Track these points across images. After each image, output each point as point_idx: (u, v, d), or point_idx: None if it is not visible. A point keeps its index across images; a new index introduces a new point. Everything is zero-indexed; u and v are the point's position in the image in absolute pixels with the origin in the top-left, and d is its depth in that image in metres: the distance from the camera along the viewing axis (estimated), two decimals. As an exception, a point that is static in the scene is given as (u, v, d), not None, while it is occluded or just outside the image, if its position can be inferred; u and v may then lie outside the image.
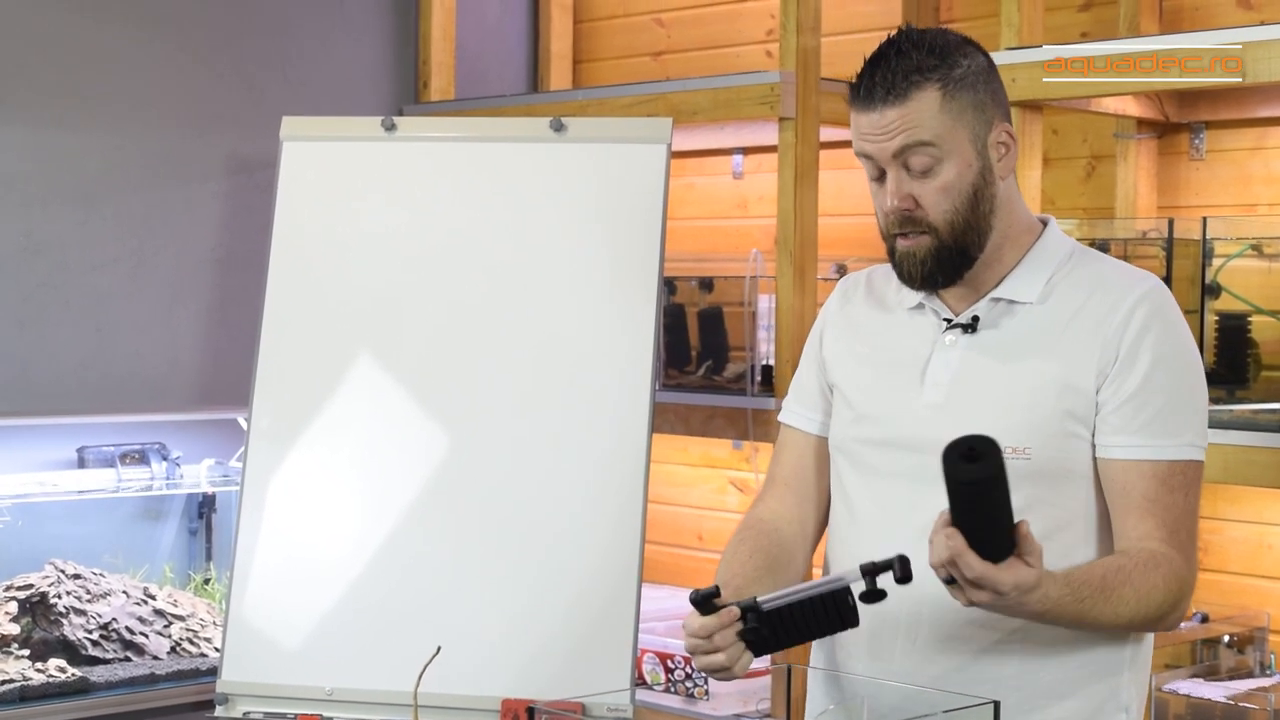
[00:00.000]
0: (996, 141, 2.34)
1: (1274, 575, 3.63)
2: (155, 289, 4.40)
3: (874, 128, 2.32)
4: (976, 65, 2.34)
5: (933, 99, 2.29)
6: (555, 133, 3.80)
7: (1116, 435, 2.29)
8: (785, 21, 3.94)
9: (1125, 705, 2.38)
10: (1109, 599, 2.23)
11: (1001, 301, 2.38)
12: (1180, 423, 2.30)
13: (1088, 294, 2.35)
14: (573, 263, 3.71)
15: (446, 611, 3.55)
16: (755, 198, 4.68)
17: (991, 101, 2.34)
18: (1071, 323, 2.33)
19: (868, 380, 2.46)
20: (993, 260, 2.38)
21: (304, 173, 3.85)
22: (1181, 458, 2.29)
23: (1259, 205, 3.69)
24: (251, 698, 3.60)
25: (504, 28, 5.15)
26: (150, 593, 4.08)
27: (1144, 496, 2.28)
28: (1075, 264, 2.40)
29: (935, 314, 2.42)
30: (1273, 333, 3.24)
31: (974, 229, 2.33)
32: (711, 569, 2.44)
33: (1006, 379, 2.34)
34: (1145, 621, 2.28)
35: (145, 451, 4.19)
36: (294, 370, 3.74)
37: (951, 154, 2.30)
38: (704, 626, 2.23)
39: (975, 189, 2.32)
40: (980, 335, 2.38)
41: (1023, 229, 2.41)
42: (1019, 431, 2.30)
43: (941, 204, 2.31)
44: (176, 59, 4.43)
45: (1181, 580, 2.27)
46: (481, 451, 3.65)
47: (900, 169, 2.31)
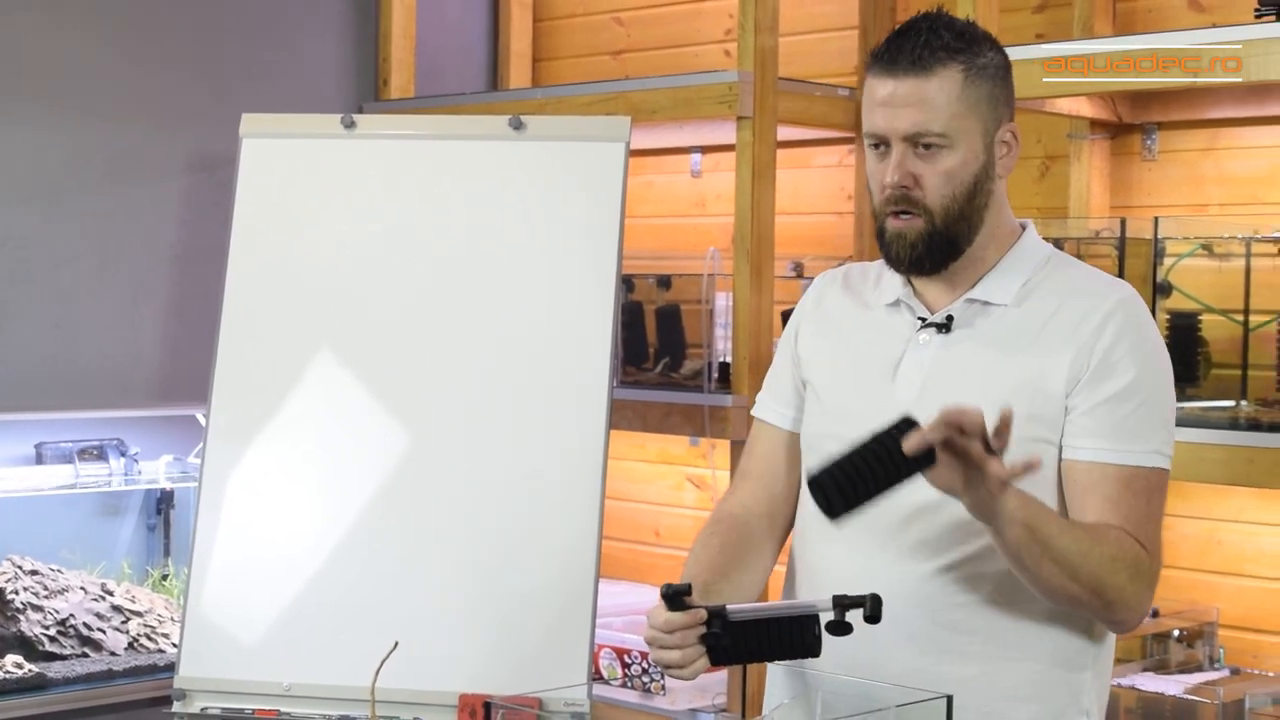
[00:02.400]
0: (1002, 140, 2.35)
1: (1223, 571, 3.65)
2: (115, 286, 4.39)
3: (891, 96, 2.30)
4: (998, 60, 2.36)
5: (955, 80, 2.29)
6: (514, 131, 3.79)
7: (1083, 438, 2.29)
8: (744, 21, 3.95)
9: (1086, 708, 2.38)
10: (1065, 525, 2.21)
11: (977, 303, 2.38)
12: (1148, 431, 2.30)
13: (1062, 300, 2.35)
14: (531, 260, 3.71)
15: (404, 607, 3.55)
16: (713, 196, 4.69)
17: (1004, 99, 2.36)
18: (1045, 328, 2.33)
19: (840, 377, 2.46)
20: (975, 258, 2.38)
21: (264, 170, 3.83)
22: (1146, 464, 2.29)
23: (1210, 205, 3.71)
24: (209, 693, 3.59)
25: (464, 26, 5.14)
26: (108, 589, 4.07)
27: (1105, 496, 2.28)
28: (1051, 269, 2.40)
29: (911, 312, 2.42)
30: (1223, 331, 3.26)
31: (967, 220, 2.33)
32: (669, 565, 2.45)
33: (978, 381, 2.33)
34: (1103, 580, 2.21)
35: (103, 447, 4.18)
36: (253, 367, 3.73)
37: (960, 142, 2.30)
38: (669, 622, 2.22)
39: (976, 181, 2.32)
40: (954, 335, 2.38)
41: (1006, 230, 2.41)
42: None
43: (941, 189, 2.30)
44: (138, 57, 4.42)
45: (1138, 560, 2.24)
46: (440, 448, 3.64)
47: (907, 147, 2.30)
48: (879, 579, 2.32)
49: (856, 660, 2.33)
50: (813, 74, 4.33)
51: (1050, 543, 2.18)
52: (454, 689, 3.47)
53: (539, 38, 5.19)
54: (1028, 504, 2.17)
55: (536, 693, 3.27)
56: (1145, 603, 2.30)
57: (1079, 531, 2.22)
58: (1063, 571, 2.20)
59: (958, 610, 2.31)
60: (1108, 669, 2.43)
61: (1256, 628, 3.60)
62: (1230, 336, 3.24)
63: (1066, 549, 2.19)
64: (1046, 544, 2.18)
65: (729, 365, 4.01)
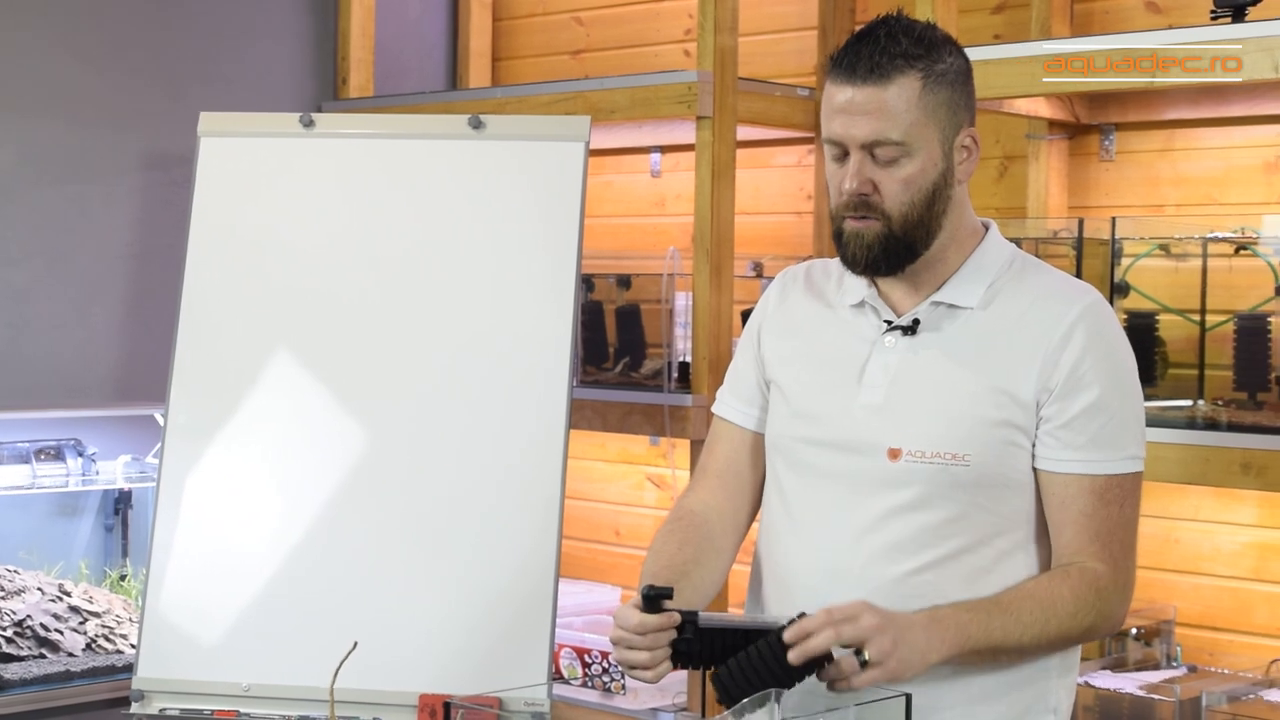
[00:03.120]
0: (961, 145, 2.34)
1: (1181, 569, 3.67)
2: (71, 285, 4.36)
3: (849, 104, 2.29)
4: (958, 65, 2.34)
5: (913, 87, 2.28)
6: (474, 130, 3.79)
7: (1058, 450, 2.31)
8: (703, 21, 3.95)
9: (1054, 707, 2.40)
10: (1009, 613, 2.26)
11: (943, 305, 2.38)
12: (1121, 438, 2.32)
13: (1028, 304, 2.35)
14: (491, 260, 3.70)
15: (363, 607, 3.54)
16: (673, 196, 4.69)
17: (964, 104, 2.35)
18: (1012, 332, 2.34)
19: (806, 378, 2.46)
20: (936, 260, 2.38)
21: (221, 168, 3.82)
22: (1120, 471, 2.32)
23: (1166, 206, 3.72)
24: (168, 694, 3.58)
25: (423, 25, 5.13)
26: (66, 589, 4.05)
27: (1080, 512, 2.30)
28: (1016, 271, 2.40)
29: (876, 313, 2.41)
30: (1180, 331, 3.27)
31: (924, 226, 2.32)
32: (629, 565, 2.45)
33: (945, 384, 2.34)
34: (1070, 632, 2.30)
35: (61, 448, 4.15)
36: (211, 366, 3.71)
37: (919, 150, 2.29)
38: (643, 624, 2.21)
39: (935, 188, 2.32)
40: (920, 338, 2.37)
41: (968, 232, 2.41)
42: (957, 438, 2.30)
43: (900, 195, 2.30)
44: (92, 55, 4.39)
45: (1100, 589, 2.29)
46: (399, 448, 3.64)
47: (865, 154, 2.30)
48: (848, 580, 2.33)
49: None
50: (772, 74, 4.33)
51: (1000, 645, 2.26)
52: (414, 689, 3.46)
53: (499, 37, 5.19)
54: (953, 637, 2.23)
55: (496, 692, 3.28)
56: (1118, 616, 2.35)
57: (1028, 614, 2.27)
58: (1035, 638, 2.28)
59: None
60: (1074, 667, 2.45)
61: (1213, 626, 3.62)
62: (1187, 336, 3.26)
63: (1019, 639, 2.27)
64: (995, 650, 2.26)
65: (689, 365, 4.01)
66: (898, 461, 2.31)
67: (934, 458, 2.30)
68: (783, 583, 2.42)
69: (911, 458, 2.31)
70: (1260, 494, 3.49)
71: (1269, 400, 3.15)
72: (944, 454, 2.30)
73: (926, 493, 2.31)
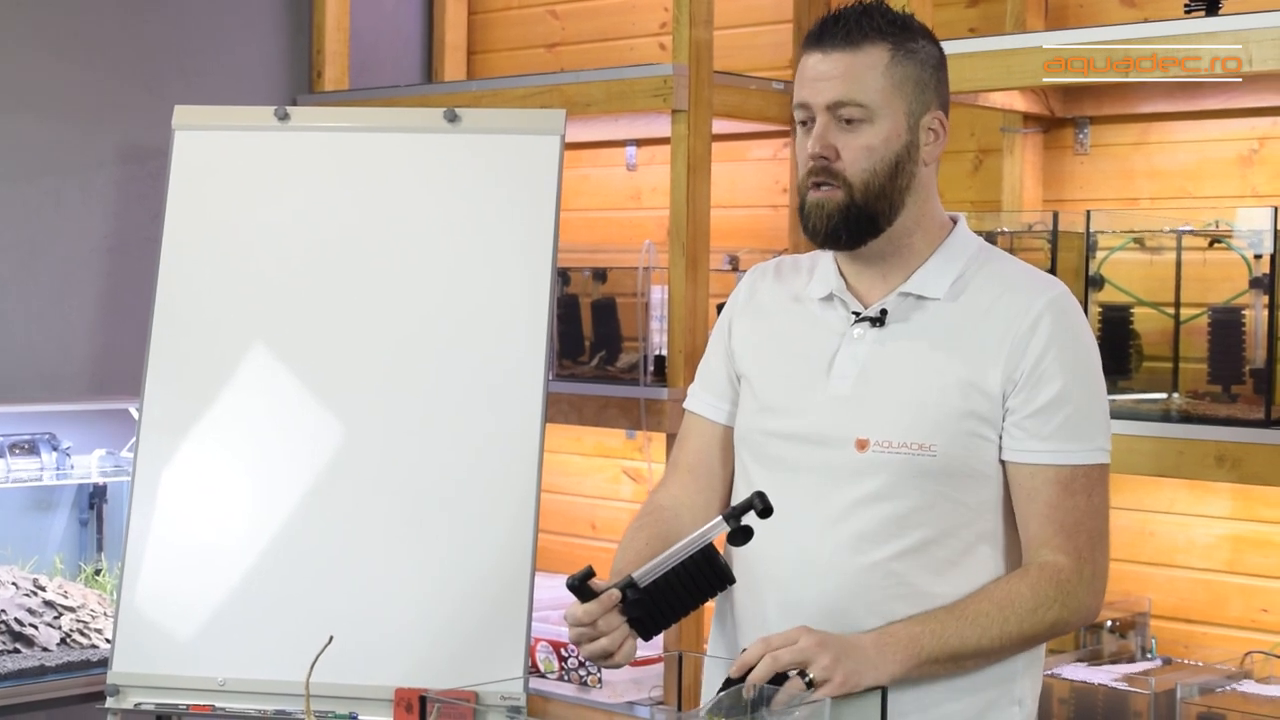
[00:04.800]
0: (928, 126, 2.36)
1: (1155, 562, 3.67)
2: (45, 278, 4.34)
3: (817, 70, 2.33)
4: (930, 50, 2.38)
5: (881, 56, 2.31)
6: (449, 123, 3.78)
7: (1024, 441, 2.31)
8: (678, 15, 3.94)
9: (1019, 698, 2.40)
10: (964, 618, 2.27)
11: (910, 296, 2.38)
12: (1086, 430, 2.33)
13: (995, 296, 2.36)
14: (466, 253, 3.69)
15: (339, 601, 3.53)
16: (648, 189, 4.68)
17: (934, 87, 2.37)
18: (979, 324, 2.34)
19: (775, 371, 2.46)
20: (903, 247, 2.39)
21: (196, 162, 3.81)
22: (1085, 462, 2.32)
23: (1141, 199, 3.73)
24: (143, 689, 3.57)
25: (398, 18, 5.11)
26: (40, 584, 4.03)
27: (1046, 503, 2.31)
28: (983, 263, 2.41)
29: (844, 305, 2.42)
30: (1154, 324, 3.27)
31: (887, 198, 2.34)
32: (605, 558, 2.44)
33: (913, 375, 2.34)
34: (1034, 629, 2.30)
35: (35, 442, 4.13)
36: (186, 360, 3.70)
37: (883, 118, 2.32)
38: (588, 612, 2.22)
39: (898, 159, 2.33)
40: (889, 329, 2.38)
41: (936, 223, 2.42)
42: (924, 428, 2.31)
43: (861, 161, 2.32)
44: (66, 48, 4.37)
45: (1061, 583, 2.29)
46: (374, 442, 3.63)
47: (830, 120, 2.32)
48: (816, 569, 2.34)
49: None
50: (747, 67, 4.33)
51: (959, 651, 2.27)
52: (390, 683, 3.46)
53: (474, 30, 5.17)
54: (904, 652, 2.23)
55: (473, 686, 3.27)
56: (1087, 608, 2.35)
57: (984, 616, 2.28)
58: (997, 640, 2.28)
59: (896, 601, 2.31)
60: (1040, 659, 2.45)
61: (1188, 618, 3.63)
62: (1161, 329, 3.26)
63: (978, 643, 2.27)
64: (955, 657, 2.27)
65: (665, 358, 4.01)
66: (865, 452, 2.31)
67: (900, 448, 2.31)
68: (751, 572, 2.41)
69: (879, 448, 2.31)
70: (1234, 486, 3.50)
71: (1243, 393, 3.15)
72: (910, 444, 2.30)
73: (893, 482, 2.31)
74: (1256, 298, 3.14)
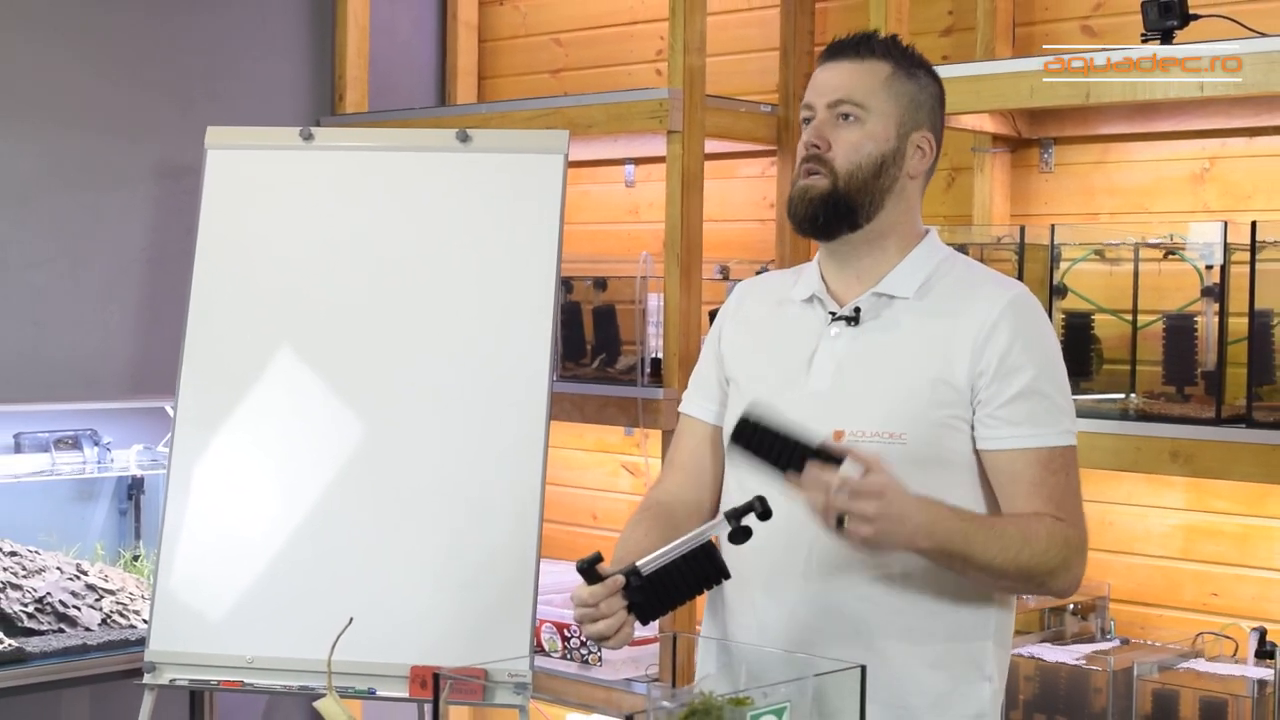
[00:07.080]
0: (916, 144, 2.41)
1: (1114, 549, 3.68)
2: (89, 286, 4.35)
3: (824, 76, 2.41)
4: (931, 83, 2.45)
5: (883, 70, 2.39)
6: (461, 143, 3.79)
7: (999, 429, 2.32)
8: (674, 42, 3.95)
9: (989, 675, 2.40)
10: (992, 530, 2.25)
11: (883, 296, 2.41)
12: (1056, 415, 2.34)
13: (960, 296, 2.39)
14: (477, 263, 3.70)
15: (359, 586, 3.54)
16: (645, 204, 4.69)
17: (927, 111, 2.42)
18: (945, 321, 2.36)
19: (760, 370, 2.48)
20: (877, 249, 2.42)
21: (227, 179, 3.82)
22: (1060, 443, 2.33)
23: (1101, 214, 3.73)
24: (177, 665, 3.58)
25: (414, 45, 5.12)
26: (83, 569, 4.03)
27: (1030, 482, 2.31)
28: (950, 266, 2.44)
29: (823, 306, 2.44)
30: (1113, 330, 3.28)
31: (868, 193, 2.37)
32: (605, 546, 2.44)
33: (885, 369, 2.36)
34: (1038, 567, 2.27)
35: (78, 437, 4.14)
36: (217, 362, 3.71)
37: (875, 119, 2.37)
38: (592, 594, 2.23)
39: (883, 159, 2.38)
40: (863, 327, 2.40)
41: (911, 232, 2.45)
42: (895, 418, 2.33)
43: (849, 154, 2.37)
44: (108, 72, 4.38)
45: (1067, 539, 2.29)
46: (393, 438, 3.64)
47: (829, 115, 2.39)
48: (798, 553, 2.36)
49: (783, 637, 2.35)
50: (738, 91, 4.33)
51: (975, 558, 2.23)
52: (406, 661, 3.47)
53: (484, 57, 5.17)
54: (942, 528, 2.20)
55: (482, 664, 3.28)
56: (1080, 571, 2.35)
57: (1007, 537, 2.25)
58: (1003, 561, 2.24)
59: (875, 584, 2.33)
60: (1008, 638, 2.46)
61: (1144, 601, 3.63)
62: (1120, 335, 3.27)
63: (992, 558, 2.24)
64: (968, 560, 2.23)
65: (660, 361, 4.01)
66: (841, 442, 2.32)
67: (873, 436, 2.32)
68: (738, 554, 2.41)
69: (853, 437, 2.33)
70: (1188, 480, 3.51)
71: (1195, 394, 3.16)
72: (883, 433, 2.32)
73: None
74: (1208, 305, 3.15)
